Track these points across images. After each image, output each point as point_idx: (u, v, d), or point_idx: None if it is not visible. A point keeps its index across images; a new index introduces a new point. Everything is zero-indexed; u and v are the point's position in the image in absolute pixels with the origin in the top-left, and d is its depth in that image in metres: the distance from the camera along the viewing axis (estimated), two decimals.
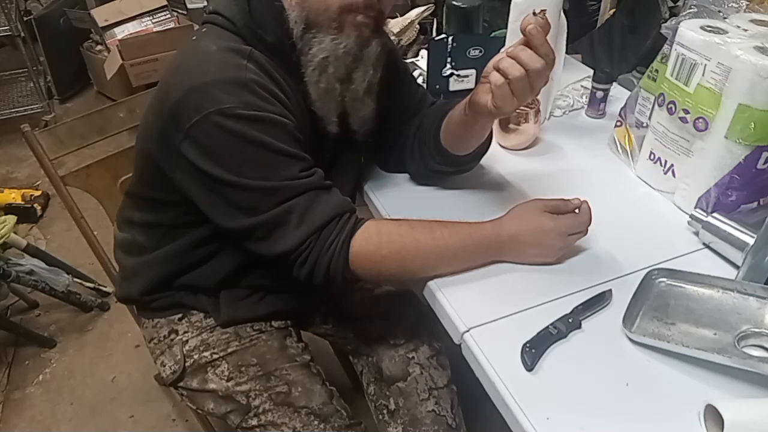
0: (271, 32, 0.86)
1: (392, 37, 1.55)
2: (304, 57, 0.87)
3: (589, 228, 0.89)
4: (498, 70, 0.80)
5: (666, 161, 1.03)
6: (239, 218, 0.85)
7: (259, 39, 0.86)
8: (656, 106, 1.02)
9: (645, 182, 1.08)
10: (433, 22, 1.71)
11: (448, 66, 1.28)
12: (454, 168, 1.05)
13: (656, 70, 1.04)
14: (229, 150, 0.81)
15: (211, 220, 0.89)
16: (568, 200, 0.89)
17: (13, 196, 2.39)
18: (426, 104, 1.10)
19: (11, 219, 1.92)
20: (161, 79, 0.89)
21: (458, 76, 1.29)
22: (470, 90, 1.29)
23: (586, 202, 0.88)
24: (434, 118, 1.03)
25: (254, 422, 0.99)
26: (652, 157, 1.06)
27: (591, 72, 1.32)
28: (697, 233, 0.94)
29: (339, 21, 0.84)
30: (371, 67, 0.90)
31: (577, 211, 0.88)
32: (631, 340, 0.77)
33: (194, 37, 0.89)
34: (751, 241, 0.84)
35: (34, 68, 2.97)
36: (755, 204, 0.95)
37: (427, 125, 1.04)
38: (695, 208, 0.96)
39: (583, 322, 0.80)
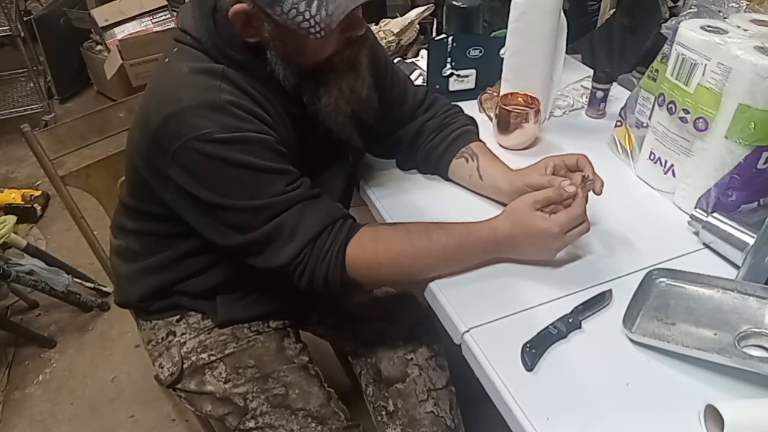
0: (241, 51, 0.85)
1: (392, 37, 1.55)
2: (314, 106, 0.88)
3: (590, 225, 0.86)
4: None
5: (666, 161, 1.03)
6: (232, 237, 0.85)
7: (229, 58, 0.85)
8: (656, 106, 1.02)
9: (645, 182, 1.08)
10: (433, 22, 1.71)
11: (448, 66, 1.28)
12: None
13: (656, 70, 1.04)
14: (213, 174, 0.81)
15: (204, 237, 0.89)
16: (561, 188, 0.85)
17: (13, 196, 2.39)
18: (416, 100, 1.09)
19: (11, 219, 1.92)
20: (142, 100, 0.89)
21: (458, 76, 1.30)
22: (470, 90, 1.31)
23: (579, 190, 0.85)
24: (442, 141, 1.06)
25: (251, 424, 0.99)
26: (652, 157, 1.06)
27: (591, 72, 1.32)
28: (697, 233, 0.94)
29: (332, 66, 0.85)
30: (366, 70, 0.91)
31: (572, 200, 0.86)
32: (631, 340, 0.77)
33: (167, 59, 0.88)
34: (751, 241, 0.84)
35: (34, 68, 2.97)
36: (755, 204, 0.94)
37: (434, 146, 1.06)
38: (695, 208, 0.96)
39: (583, 322, 0.80)
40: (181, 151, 0.80)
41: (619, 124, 1.16)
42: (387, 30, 1.55)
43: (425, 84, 1.33)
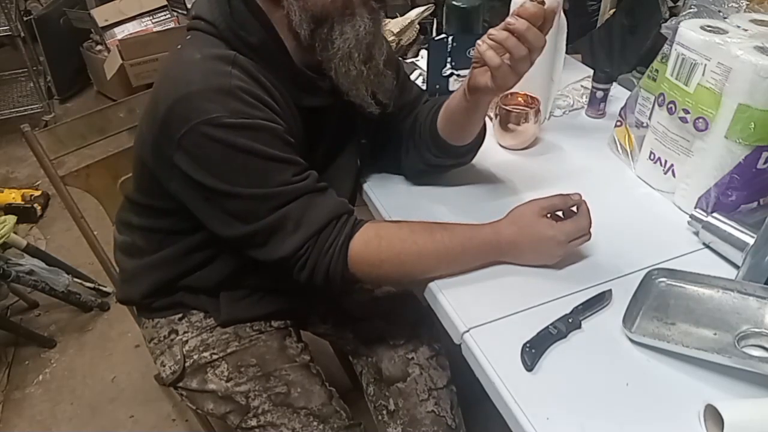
0: (255, 33, 0.85)
1: (392, 37, 1.55)
2: (327, 53, 0.86)
3: (591, 231, 0.88)
4: (496, 48, 0.80)
5: (666, 161, 1.03)
6: (236, 226, 0.85)
7: (243, 41, 0.85)
8: (656, 106, 1.02)
9: (645, 182, 1.08)
10: (433, 22, 1.71)
11: (448, 66, 1.28)
12: (452, 160, 1.04)
13: (656, 70, 1.04)
14: (220, 159, 0.81)
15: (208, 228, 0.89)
16: (567, 196, 0.87)
17: (13, 196, 2.39)
18: (420, 102, 1.10)
19: (11, 219, 1.92)
20: (152, 90, 0.89)
21: (458, 76, 1.29)
22: None
23: (584, 203, 0.87)
24: (428, 111, 1.03)
25: (253, 423, 0.99)
26: (652, 157, 1.06)
27: (591, 72, 1.32)
28: (697, 233, 0.94)
29: (349, 6, 0.84)
30: (383, 39, 0.90)
31: (575, 209, 0.87)
32: (631, 340, 0.77)
33: (179, 46, 0.88)
34: (751, 241, 0.84)
35: (34, 68, 2.97)
36: (755, 204, 0.95)
37: (422, 119, 1.04)
38: (695, 208, 0.96)
39: (583, 322, 0.80)
40: (188, 135, 0.79)
41: (619, 124, 1.16)
42: (387, 30, 1.55)
43: (425, 84, 1.33)
